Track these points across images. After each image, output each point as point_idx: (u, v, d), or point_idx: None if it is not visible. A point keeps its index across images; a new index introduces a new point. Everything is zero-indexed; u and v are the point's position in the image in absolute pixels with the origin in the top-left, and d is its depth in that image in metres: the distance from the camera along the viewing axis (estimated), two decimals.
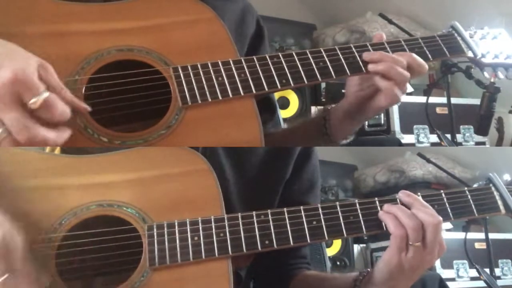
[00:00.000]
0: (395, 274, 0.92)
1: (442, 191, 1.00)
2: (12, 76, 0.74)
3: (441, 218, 0.92)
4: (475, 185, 1.05)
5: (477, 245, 2.76)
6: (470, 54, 1.08)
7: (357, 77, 1.02)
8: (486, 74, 1.10)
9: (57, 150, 0.96)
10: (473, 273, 2.71)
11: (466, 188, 1.01)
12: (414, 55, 1.00)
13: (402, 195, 0.96)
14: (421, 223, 0.91)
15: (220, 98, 0.91)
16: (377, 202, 0.95)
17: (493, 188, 1.02)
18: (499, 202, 1.01)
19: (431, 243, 0.91)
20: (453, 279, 2.82)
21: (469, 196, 1.00)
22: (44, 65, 0.78)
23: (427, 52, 1.04)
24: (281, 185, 1.13)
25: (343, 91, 1.07)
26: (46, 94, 0.76)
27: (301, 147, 1.16)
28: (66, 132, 0.80)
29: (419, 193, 0.98)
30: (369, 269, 0.98)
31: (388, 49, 1.02)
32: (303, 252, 1.18)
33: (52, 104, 0.77)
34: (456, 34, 1.09)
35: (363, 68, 0.99)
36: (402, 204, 0.95)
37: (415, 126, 2.87)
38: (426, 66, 1.00)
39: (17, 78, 0.74)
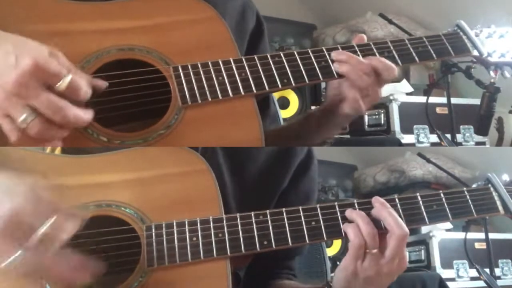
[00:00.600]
0: (351, 282, 0.92)
1: (441, 191, 0.99)
2: (34, 63, 0.75)
3: (407, 231, 0.91)
4: (473, 186, 1.04)
5: (477, 245, 2.76)
6: (475, 53, 1.07)
7: (337, 80, 1.01)
8: (492, 73, 1.09)
9: (57, 150, 0.96)
10: (473, 273, 2.71)
11: (464, 189, 1.01)
12: (382, 59, 0.97)
13: (375, 201, 0.94)
14: (376, 232, 0.90)
15: (220, 97, 0.91)
16: None
17: (492, 189, 1.02)
18: (498, 203, 1.01)
19: (390, 252, 0.90)
20: (453, 279, 2.82)
21: (467, 197, 0.99)
22: (54, 51, 0.80)
23: (432, 51, 1.03)
24: (277, 193, 1.13)
25: None
26: (70, 77, 0.78)
27: (301, 157, 1.15)
28: (90, 112, 0.83)
29: (417, 193, 0.98)
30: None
31: (392, 48, 1.01)
32: (290, 265, 1.18)
33: (77, 85, 0.79)
34: (461, 33, 1.08)
35: None
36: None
37: (415, 126, 2.87)
38: (395, 71, 0.97)
39: (39, 65, 0.76)
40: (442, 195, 0.98)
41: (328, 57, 0.98)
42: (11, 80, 0.74)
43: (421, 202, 0.96)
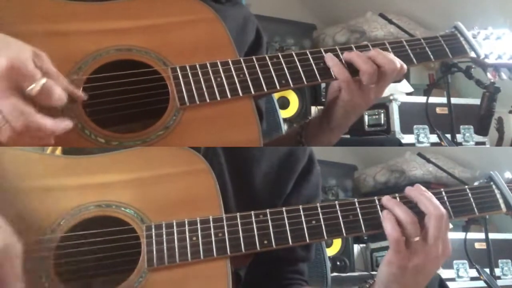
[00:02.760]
0: (398, 276, 0.90)
1: (442, 189, 0.99)
2: (8, 64, 0.74)
3: (444, 211, 0.90)
4: (475, 183, 1.03)
5: (477, 245, 2.76)
6: (472, 54, 1.07)
7: (337, 83, 1.00)
8: (489, 75, 1.09)
9: (58, 151, 0.96)
10: (473, 273, 2.71)
11: (466, 187, 1.00)
12: (383, 53, 0.98)
13: (409, 189, 0.95)
14: (415, 219, 0.90)
15: (219, 99, 0.91)
16: (376, 201, 0.94)
17: (494, 186, 1.01)
18: (500, 201, 1.00)
19: (432, 235, 0.89)
20: (453, 279, 2.82)
21: (469, 195, 0.99)
22: (37, 53, 0.79)
23: (429, 53, 1.04)
24: (281, 200, 1.12)
25: None
26: (43, 81, 0.77)
27: (304, 163, 1.14)
28: (65, 122, 0.81)
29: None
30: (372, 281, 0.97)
31: (390, 49, 1.02)
32: (302, 268, 1.17)
33: (50, 90, 0.78)
34: (459, 35, 1.08)
35: None
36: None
37: (415, 126, 2.87)
38: (396, 64, 0.97)
39: (14, 66, 0.74)
40: (443, 193, 0.97)
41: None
42: None
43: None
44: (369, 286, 0.96)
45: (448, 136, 2.24)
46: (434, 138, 2.81)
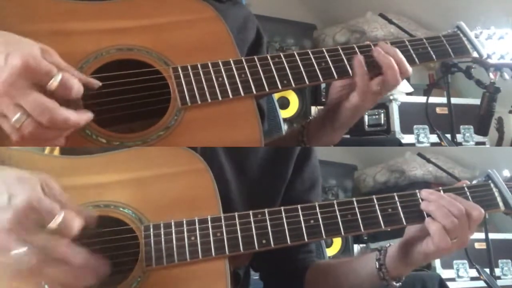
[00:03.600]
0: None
1: (440, 188, 0.98)
2: (23, 62, 0.74)
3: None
4: (474, 182, 1.03)
5: (477, 245, 2.76)
6: (475, 54, 1.07)
7: (339, 82, 1.01)
8: (491, 75, 1.09)
9: (56, 151, 0.96)
10: (473, 273, 2.71)
11: (464, 185, 1.00)
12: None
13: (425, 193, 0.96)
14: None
15: (220, 98, 0.91)
16: (375, 201, 0.95)
17: (492, 185, 1.01)
18: (499, 199, 1.00)
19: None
20: (453, 279, 2.82)
21: (468, 193, 0.98)
22: (46, 48, 0.79)
23: (432, 53, 1.03)
24: (283, 185, 1.13)
25: None
26: (60, 75, 0.77)
27: (300, 147, 1.15)
28: (87, 114, 0.81)
29: (417, 190, 0.97)
30: (386, 246, 0.98)
31: None
32: (311, 247, 1.19)
33: (68, 83, 0.78)
34: (461, 35, 1.07)
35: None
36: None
37: (415, 126, 2.87)
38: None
39: (29, 64, 0.75)
40: (441, 191, 0.97)
41: (328, 58, 0.98)
42: (0, 80, 0.74)
43: (420, 199, 0.96)
44: (384, 252, 0.98)
45: (448, 136, 2.24)
46: (434, 138, 2.81)
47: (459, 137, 2.72)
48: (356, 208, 0.93)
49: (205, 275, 0.86)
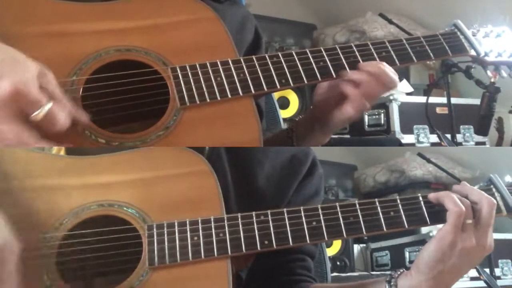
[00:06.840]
0: (446, 254, 0.90)
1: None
2: (13, 89, 0.73)
3: (495, 201, 0.93)
4: (476, 187, 1.03)
5: None
6: (472, 52, 1.07)
7: (326, 83, 1.01)
8: (489, 73, 1.09)
9: (62, 151, 0.96)
10: (473, 273, 2.71)
11: None
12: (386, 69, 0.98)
13: (455, 187, 0.97)
14: (469, 202, 0.92)
15: (219, 98, 0.91)
16: (377, 203, 0.95)
17: (494, 189, 1.00)
18: (501, 203, 0.99)
19: (485, 221, 0.91)
20: None
21: None
22: (43, 72, 0.78)
23: (429, 51, 1.03)
24: (284, 202, 1.11)
25: None
26: (47, 107, 0.76)
27: (307, 166, 1.14)
28: (65, 145, 0.81)
29: (419, 194, 0.97)
30: (397, 273, 0.96)
31: (390, 48, 1.02)
32: (310, 265, 1.16)
33: (53, 117, 0.77)
34: (458, 33, 1.07)
35: None
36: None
37: (415, 126, 2.87)
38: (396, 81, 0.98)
39: (18, 92, 0.73)
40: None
41: (326, 57, 0.98)
42: None
43: (422, 203, 0.95)
44: (399, 274, 0.96)
45: (448, 136, 2.25)
46: (434, 138, 2.81)
47: (459, 137, 2.72)
48: (359, 211, 0.93)
49: (207, 275, 0.86)
